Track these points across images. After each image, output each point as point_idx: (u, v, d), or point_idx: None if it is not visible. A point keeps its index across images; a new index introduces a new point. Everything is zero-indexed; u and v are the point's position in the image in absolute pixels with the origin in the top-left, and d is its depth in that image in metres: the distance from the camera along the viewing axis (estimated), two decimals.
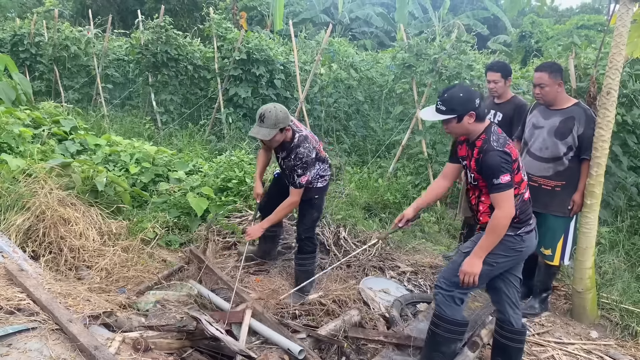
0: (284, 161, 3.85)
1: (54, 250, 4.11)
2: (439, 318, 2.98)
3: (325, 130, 8.49)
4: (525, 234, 2.92)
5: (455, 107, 2.80)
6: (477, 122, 2.84)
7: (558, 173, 3.90)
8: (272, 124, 3.54)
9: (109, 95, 11.08)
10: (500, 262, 2.90)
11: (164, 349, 2.77)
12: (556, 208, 3.95)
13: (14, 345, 2.48)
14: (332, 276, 4.33)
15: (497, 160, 2.73)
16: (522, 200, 2.89)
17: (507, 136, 2.90)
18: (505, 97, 4.66)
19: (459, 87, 2.90)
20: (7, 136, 5.17)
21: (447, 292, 2.95)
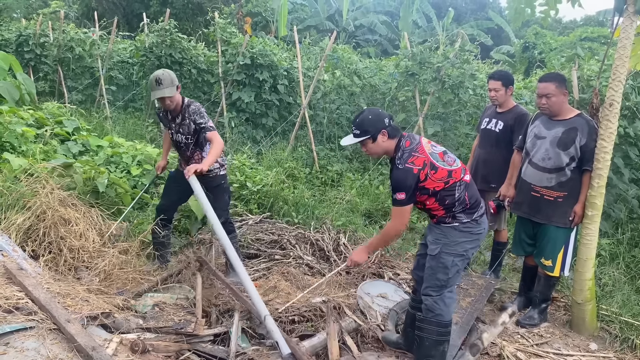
0: (180, 129, 4.20)
1: (53, 250, 4.11)
2: (428, 323, 3.10)
3: (328, 136, 8.50)
4: (479, 217, 3.12)
5: (367, 129, 3.01)
6: (390, 139, 3.03)
7: (560, 184, 3.90)
8: (169, 82, 3.99)
9: (112, 97, 11.11)
10: (468, 249, 3.10)
11: (161, 352, 2.76)
12: (558, 219, 3.94)
13: (11, 344, 2.48)
14: (331, 283, 4.32)
15: (396, 178, 2.97)
16: (465, 184, 3.05)
17: (417, 144, 3.01)
18: (506, 106, 4.68)
19: (367, 110, 3.13)
20: (9, 135, 5.18)
21: (440, 296, 3.08)
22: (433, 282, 3.09)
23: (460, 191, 3.00)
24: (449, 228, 3.08)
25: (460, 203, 3.03)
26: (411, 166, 2.91)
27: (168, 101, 4.07)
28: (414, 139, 3.05)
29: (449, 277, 3.07)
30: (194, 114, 4.11)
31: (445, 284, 3.07)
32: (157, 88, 3.98)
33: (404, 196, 2.93)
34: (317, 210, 6.04)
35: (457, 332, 3.60)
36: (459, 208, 3.04)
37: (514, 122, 4.55)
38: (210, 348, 3.02)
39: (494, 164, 4.68)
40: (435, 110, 7.11)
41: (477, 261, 5.46)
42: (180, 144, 4.28)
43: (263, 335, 3.40)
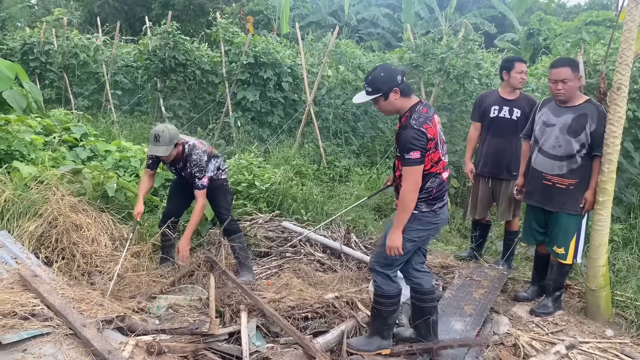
0: (184, 170, 4.24)
1: (66, 256, 4.15)
2: (380, 296, 3.27)
3: (334, 132, 8.48)
4: (439, 209, 3.20)
5: (379, 87, 3.01)
6: (403, 97, 3.04)
7: (571, 171, 3.86)
8: (167, 141, 3.97)
9: (118, 101, 11.17)
10: (421, 236, 3.21)
11: (177, 352, 2.78)
12: (570, 206, 3.91)
13: (28, 351, 2.51)
14: (343, 278, 4.33)
15: (410, 137, 2.93)
16: (440, 180, 3.13)
17: (432, 116, 3.04)
18: (515, 94, 4.67)
19: (380, 67, 3.11)
20: (18, 144, 5.22)
21: (383, 274, 3.24)
22: (381, 259, 3.24)
23: (432, 183, 3.10)
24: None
25: (426, 192, 3.11)
26: (425, 131, 2.94)
27: (164, 157, 4.10)
28: (430, 110, 3.08)
29: (395, 258, 3.18)
30: (193, 165, 4.13)
31: (390, 264, 3.22)
32: (154, 144, 4.00)
33: (418, 155, 2.92)
34: (327, 207, 6.04)
35: (471, 324, 3.60)
36: (423, 196, 3.11)
37: (529, 110, 4.50)
38: (225, 347, 3.05)
39: (513, 153, 4.60)
40: (441, 101, 7.08)
41: (489, 251, 5.44)
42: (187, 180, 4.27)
43: (277, 333, 3.42)
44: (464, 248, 5.40)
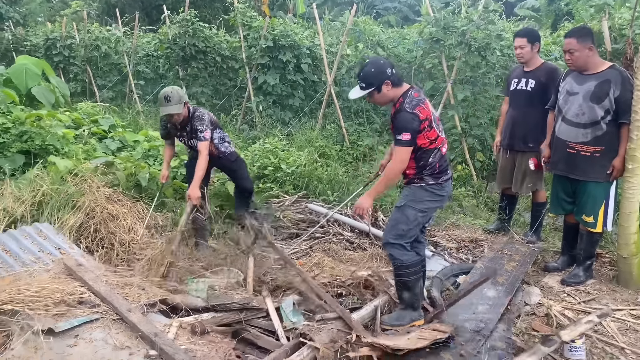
0: (193, 135, 4.52)
1: (105, 245, 4.31)
2: (400, 268, 3.34)
3: (355, 111, 8.49)
4: (444, 182, 3.37)
5: (371, 81, 3.19)
6: (395, 87, 3.23)
7: (596, 138, 3.84)
8: (177, 100, 4.28)
9: (141, 91, 11.33)
10: (430, 207, 3.38)
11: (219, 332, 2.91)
12: (596, 174, 3.89)
13: (80, 336, 2.66)
14: (374, 256, 4.40)
15: (404, 120, 3.15)
16: (440, 154, 3.32)
17: (424, 99, 3.25)
18: (534, 64, 4.64)
19: (370, 62, 3.28)
20: (52, 138, 5.39)
21: (397, 245, 3.33)
22: (394, 232, 3.34)
23: (434, 157, 3.28)
24: (417, 187, 3.33)
25: (431, 167, 3.28)
26: (418, 113, 3.15)
27: (175, 117, 4.39)
28: (421, 94, 3.28)
29: (409, 228, 3.31)
30: (196, 119, 4.46)
31: (404, 234, 3.32)
32: (166, 104, 4.29)
33: (409, 137, 3.14)
34: (352, 187, 6.09)
35: (504, 292, 3.65)
36: (428, 171, 3.29)
37: (546, 80, 4.51)
38: (264, 323, 3.17)
39: (529, 124, 4.63)
40: (463, 74, 7.00)
41: (517, 223, 5.44)
42: (195, 148, 4.56)
43: (312, 310, 3.52)
44: (492, 222, 5.42)
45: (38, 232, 3.73)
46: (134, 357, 2.52)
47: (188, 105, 4.52)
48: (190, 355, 2.47)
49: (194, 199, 4.31)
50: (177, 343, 2.62)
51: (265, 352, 3.06)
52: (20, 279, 3.03)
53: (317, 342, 2.95)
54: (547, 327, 3.47)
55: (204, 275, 3.89)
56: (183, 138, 4.65)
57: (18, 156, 5.16)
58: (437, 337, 2.89)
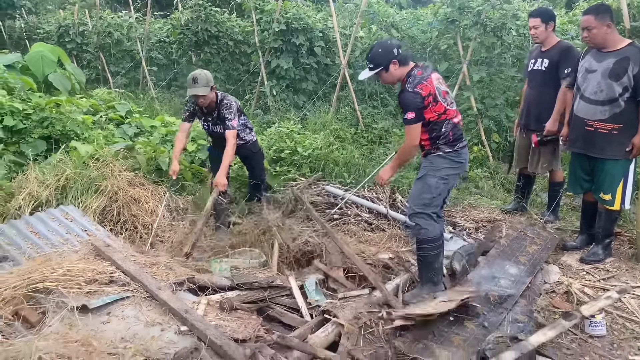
0: (218, 121, 4.60)
1: (129, 227, 4.40)
2: (423, 241, 3.44)
3: (369, 93, 8.47)
4: (460, 149, 3.50)
5: (379, 62, 3.38)
6: (402, 66, 3.40)
7: (614, 116, 3.83)
8: (204, 83, 4.36)
9: (154, 77, 11.37)
10: (450, 174, 3.49)
11: (245, 309, 2.98)
12: (614, 152, 3.89)
13: (112, 313, 2.74)
14: (393, 237, 4.44)
15: (406, 99, 3.33)
16: (453, 124, 3.44)
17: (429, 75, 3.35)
18: (550, 43, 4.64)
19: (377, 44, 3.45)
20: (72, 124, 5.46)
21: (423, 214, 3.44)
22: (418, 201, 3.47)
23: (447, 128, 3.41)
24: (434, 157, 3.48)
25: (444, 137, 3.42)
26: (419, 90, 3.29)
27: (202, 99, 4.45)
28: (426, 71, 3.39)
29: (432, 196, 3.44)
30: (224, 107, 4.53)
31: (429, 203, 3.44)
32: (193, 86, 4.36)
33: (413, 115, 3.30)
34: (368, 169, 6.12)
35: (525, 272, 3.69)
36: (442, 141, 3.43)
37: (559, 58, 4.53)
38: (288, 301, 3.24)
39: (544, 104, 4.65)
40: (478, 55, 6.96)
41: (534, 203, 5.45)
42: (218, 133, 4.65)
43: (335, 289, 3.59)
44: (509, 202, 5.44)
45: (64, 214, 3.81)
46: (166, 333, 2.59)
47: (215, 90, 4.57)
48: (220, 331, 2.53)
49: (221, 187, 4.41)
50: (206, 319, 2.69)
51: (289, 328, 3.12)
52: (50, 259, 3.11)
53: (341, 318, 3.02)
54: (567, 303, 3.50)
55: (226, 256, 3.97)
56: (208, 123, 4.70)
57: (40, 142, 5.24)
58: (464, 297, 2.94)
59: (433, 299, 3.23)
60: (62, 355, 2.14)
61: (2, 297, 2.60)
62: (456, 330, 2.96)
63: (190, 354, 2.22)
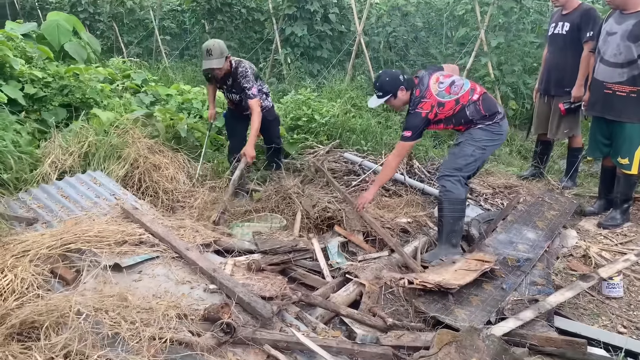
0: (233, 89, 4.59)
1: (150, 193, 4.48)
2: (446, 202, 3.56)
3: (385, 61, 8.42)
4: (500, 120, 3.61)
5: (388, 89, 3.57)
6: (407, 91, 3.59)
7: (633, 78, 3.81)
8: (219, 54, 4.31)
9: (168, 47, 11.34)
10: (488, 146, 3.61)
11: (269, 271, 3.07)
12: (632, 115, 3.87)
13: (143, 272, 2.84)
14: (411, 202, 4.49)
15: (408, 120, 3.60)
16: (474, 103, 3.54)
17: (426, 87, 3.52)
18: (571, 6, 4.61)
19: (383, 73, 3.65)
20: (92, 92, 5.51)
21: (453, 177, 3.55)
22: (451, 165, 3.60)
23: (470, 110, 3.54)
24: (475, 129, 3.59)
25: (477, 114, 3.54)
26: (420, 110, 3.51)
27: (217, 71, 4.41)
28: (423, 85, 3.54)
29: (467, 162, 3.55)
30: (241, 76, 4.47)
31: (461, 168, 3.56)
32: (207, 58, 4.33)
33: (410, 134, 3.54)
34: (385, 137, 6.13)
35: (543, 237, 3.73)
36: (477, 117, 3.55)
37: (580, 21, 4.49)
38: (309, 263, 3.34)
39: (565, 68, 4.62)
40: (496, 20, 6.86)
41: (551, 170, 5.45)
42: (235, 101, 4.67)
43: (355, 252, 3.66)
44: (526, 168, 5.44)
45: (92, 179, 3.90)
46: (195, 291, 2.69)
47: (230, 58, 4.54)
48: (248, 289, 2.62)
49: (250, 158, 4.41)
50: (234, 278, 2.78)
51: (311, 289, 3.21)
52: (81, 222, 3.20)
53: (363, 278, 3.10)
54: (585, 266, 3.55)
55: (248, 220, 4.05)
56: (223, 90, 4.72)
57: (60, 109, 5.31)
58: (484, 268, 3.00)
59: (452, 264, 3.28)
60: (99, 309, 2.23)
61: (38, 257, 2.70)
62: (475, 291, 3.03)
63: (221, 309, 2.31)
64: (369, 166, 5.22)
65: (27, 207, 3.49)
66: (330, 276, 3.29)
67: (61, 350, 1.99)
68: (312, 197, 4.21)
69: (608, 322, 3.02)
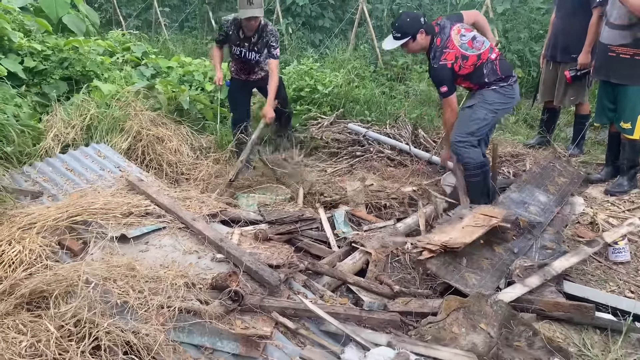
0: (256, 46, 4.46)
1: (154, 166, 4.46)
2: (469, 167, 3.61)
3: (388, 29, 8.25)
4: (513, 83, 3.60)
5: (407, 31, 3.46)
6: (427, 35, 3.50)
7: (637, 40, 3.72)
8: (259, 4, 4.20)
9: (167, 18, 11.16)
10: (500, 109, 3.61)
11: (276, 240, 3.07)
12: (636, 78, 3.80)
13: (150, 242, 2.84)
14: (416, 172, 4.47)
15: (436, 75, 3.54)
16: (491, 63, 3.51)
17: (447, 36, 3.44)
18: None
19: (404, 14, 3.55)
20: (92, 64, 5.44)
21: (466, 142, 3.56)
22: (463, 129, 3.58)
23: (487, 69, 3.50)
24: (488, 90, 3.55)
25: (493, 74, 3.51)
26: (444, 62, 3.44)
27: (253, 21, 4.25)
28: (444, 35, 3.46)
29: (479, 126, 3.56)
30: (270, 34, 4.41)
31: (473, 132, 3.56)
32: (248, 7, 4.13)
33: (446, 89, 3.48)
34: (389, 107, 6.07)
35: (554, 201, 3.73)
36: (493, 78, 3.52)
37: None
38: (315, 234, 3.34)
39: (573, 34, 4.52)
40: None
41: (557, 138, 5.40)
42: (250, 61, 4.55)
43: (359, 222, 3.66)
44: (532, 136, 5.39)
45: (97, 152, 3.89)
46: (202, 260, 2.69)
47: None
48: (255, 257, 2.62)
49: (269, 119, 4.41)
50: (241, 247, 2.78)
51: (318, 259, 3.21)
52: (87, 194, 3.19)
53: (369, 247, 3.10)
54: (592, 233, 3.54)
55: (253, 191, 4.04)
56: (243, 48, 4.53)
57: (61, 82, 5.26)
58: (492, 224, 2.98)
59: (459, 220, 3.24)
60: (108, 278, 2.24)
61: (45, 229, 2.69)
62: (485, 254, 3.02)
63: (228, 277, 2.31)
64: (373, 136, 5.18)
65: (33, 180, 3.48)
66: (336, 246, 3.30)
67: (71, 318, 1.99)
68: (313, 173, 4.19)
69: (615, 287, 3.02)
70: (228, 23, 4.50)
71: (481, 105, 3.55)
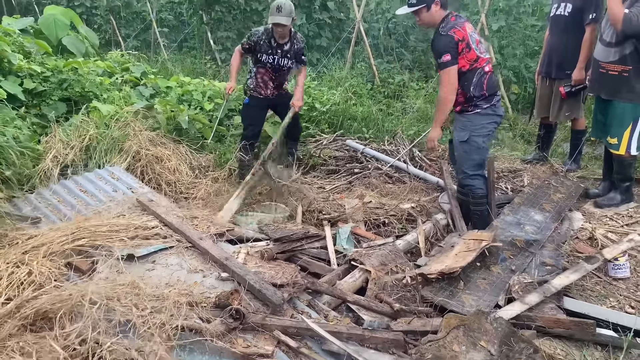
0: (288, 54, 4.65)
1: (153, 185, 4.47)
2: (480, 198, 3.59)
3: (385, 47, 8.37)
4: (497, 102, 3.56)
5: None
6: (442, 9, 3.39)
7: (623, 57, 3.78)
8: (287, 13, 4.35)
9: (166, 39, 11.28)
10: (492, 129, 3.57)
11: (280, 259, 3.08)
12: (624, 94, 3.84)
13: (157, 262, 2.85)
14: (414, 188, 4.49)
15: (440, 43, 3.34)
16: (484, 73, 3.45)
17: (462, 22, 3.38)
18: None
19: None
20: (91, 85, 5.48)
21: (478, 174, 3.56)
22: (470, 164, 3.55)
23: (478, 77, 3.42)
24: (473, 115, 3.50)
25: (479, 88, 3.43)
26: (453, 34, 3.30)
27: (280, 29, 4.43)
28: (461, 18, 3.41)
29: (481, 155, 3.54)
30: (302, 42, 4.74)
31: (481, 164, 3.56)
32: (277, 14, 4.35)
33: (449, 57, 3.29)
34: (386, 124, 6.11)
35: (550, 218, 3.73)
36: (477, 93, 3.44)
37: (582, 2, 4.43)
38: (314, 251, 3.35)
39: (567, 51, 4.58)
40: (497, 4, 6.81)
41: (555, 153, 5.43)
42: (282, 68, 4.74)
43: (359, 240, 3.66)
44: (530, 152, 5.43)
45: (110, 174, 3.98)
46: (207, 279, 2.70)
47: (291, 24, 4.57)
48: (259, 276, 2.63)
49: (298, 107, 4.68)
50: (246, 266, 2.79)
51: (317, 277, 3.21)
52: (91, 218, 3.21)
53: (368, 265, 3.10)
54: (591, 248, 3.54)
55: (252, 209, 4.05)
56: (276, 56, 4.65)
57: (60, 103, 5.28)
58: (483, 246, 2.99)
59: (451, 248, 3.27)
60: (112, 297, 2.24)
61: (51, 252, 2.71)
62: (483, 275, 3.03)
63: (230, 296, 2.31)
64: (370, 153, 5.21)
65: (33, 205, 3.51)
66: (336, 263, 3.30)
67: (76, 338, 2.00)
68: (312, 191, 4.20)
69: (616, 303, 3.02)
70: (259, 33, 4.61)
71: (475, 135, 3.51)
